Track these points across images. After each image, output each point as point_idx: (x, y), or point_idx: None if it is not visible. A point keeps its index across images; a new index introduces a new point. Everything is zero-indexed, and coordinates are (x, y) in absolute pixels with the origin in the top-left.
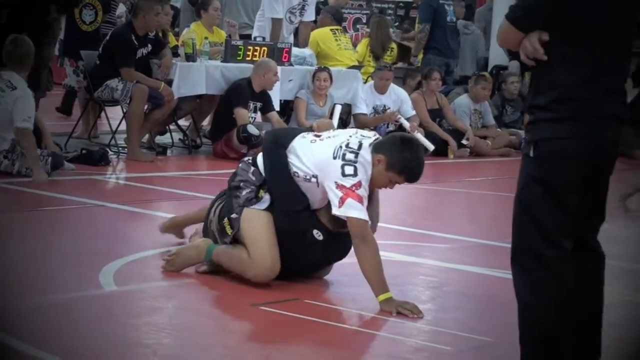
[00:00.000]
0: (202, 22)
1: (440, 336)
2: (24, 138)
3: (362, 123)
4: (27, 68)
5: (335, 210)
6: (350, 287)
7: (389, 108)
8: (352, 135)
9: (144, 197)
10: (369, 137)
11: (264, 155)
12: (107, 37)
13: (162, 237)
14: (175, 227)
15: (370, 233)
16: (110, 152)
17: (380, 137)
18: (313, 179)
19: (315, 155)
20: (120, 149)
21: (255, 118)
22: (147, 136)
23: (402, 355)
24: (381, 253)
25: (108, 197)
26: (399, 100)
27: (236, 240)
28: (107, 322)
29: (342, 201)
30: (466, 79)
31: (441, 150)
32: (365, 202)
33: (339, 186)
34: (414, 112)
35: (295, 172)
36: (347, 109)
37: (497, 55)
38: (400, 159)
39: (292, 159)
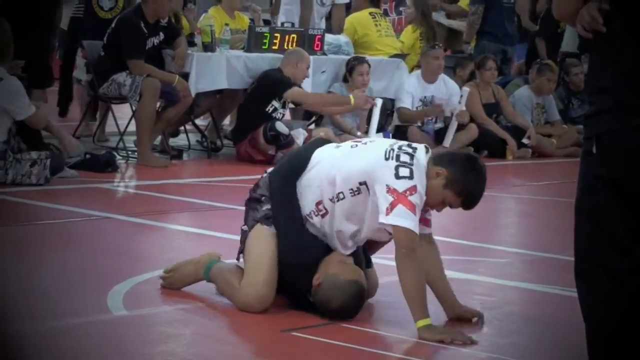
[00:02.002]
0: (221, 7)
1: None
2: (37, 122)
3: (406, 118)
4: (6, 59)
5: (382, 219)
6: (395, 309)
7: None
8: (398, 143)
9: (156, 207)
10: (421, 146)
11: (271, 198)
12: (113, 25)
13: (177, 253)
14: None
15: (418, 248)
16: (118, 157)
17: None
18: (362, 187)
19: (362, 159)
20: (129, 152)
21: (284, 114)
22: (159, 138)
23: None
24: None
25: (116, 208)
26: (448, 93)
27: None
28: (115, 351)
29: (391, 207)
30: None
31: (498, 150)
32: (418, 213)
33: (391, 190)
34: (463, 108)
35: (321, 201)
36: (389, 105)
37: (568, 40)
38: (465, 178)
39: (317, 178)
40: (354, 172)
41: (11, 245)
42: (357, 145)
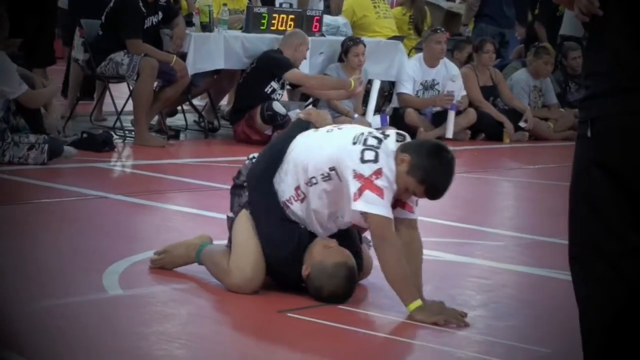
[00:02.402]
0: None
1: (493, 347)
2: (29, 101)
3: (407, 104)
4: None
5: (353, 206)
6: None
7: (437, 83)
8: (371, 129)
9: (153, 187)
10: (398, 132)
11: (249, 194)
12: (111, 3)
13: (174, 233)
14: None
15: (392, 233)
16: (115, 136)
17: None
18: (332, 173)
19: (332, 145)
20: (126, 132)
21: (282, 95)
22: (157, 118)
23: None
24: (427, 252)
25: (112, 188)
26: (449, 76)
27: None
28: (111, 330)
29: (359, 193)
30: None
31: (495, 133)
32: (388, 196)
33: (357, 175)
34: (464, 92)
35: (298, 186)
36: (387, 87)
37: (567, 24)
38: (426, 165)
39: (293, 164)
40: (323, 158)
41: (7, 224)
42: (332, 130)
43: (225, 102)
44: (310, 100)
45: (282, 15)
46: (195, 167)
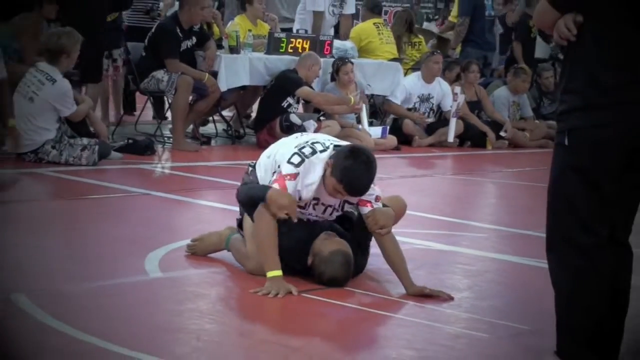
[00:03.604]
0: (246, 15)
1: (478, 324)
2: (75, 117)
3: (390, 110)
4: (60, 64)
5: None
6: (391, 274)
7: (432, 97)
8: (330, 140)
9: (188, 186)
10: (330, 149)
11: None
12: (153, 30)
13: (205, 225)
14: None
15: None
16: (155, 142)
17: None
18: (277, 169)
19: (285, 147)
20: (165, 139)
21: (297, 108)
22: (191, 126)
23: (440, 342)
24: (420, 242)
25: (153, 186)
26: (442, 93)
27: None
28: (151, 307)
29: (272, 182)
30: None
31: (480, 141)
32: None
33: (277, 172)
34: (461, 101)
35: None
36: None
37: (540, 48)
38: (342, 166)
39: (272, 160)
40: (277, 157)
41: (63, 216)
42: (301, 136)
43: (252, 113)
44: (322, 112)
45: (298, 40)
46: (224, 169)
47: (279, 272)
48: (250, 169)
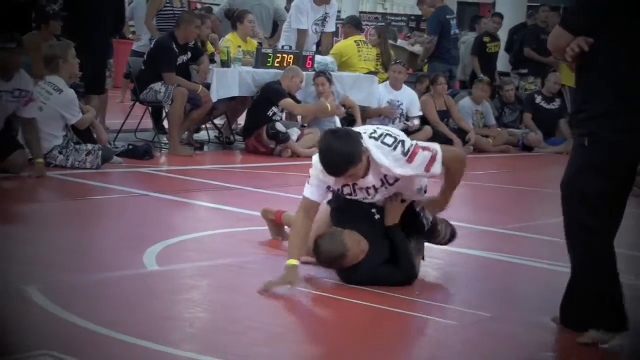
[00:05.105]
0: (237, 33)
1: (446, 312)
2: (80, 125)
3: (366, 113)
4: (58, 71)
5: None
6: None
7: (402, 103)
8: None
9: (184, 187)
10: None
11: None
12: (152, 46)
13: (199, 223)
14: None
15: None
16: (154, 148)
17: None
18: None
19: None
20: (162, 144)
21: (282, 117)
22: (186, 133)
23: (411, 329)
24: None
25: (152, 188)
26: (409, 99)
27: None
28: (149, 297)
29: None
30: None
31: None
32: (315, 182)
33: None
34: (420, 114)
35: None
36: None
37: (500, 62)
38: (319, 147)
39: None
40: None
41: (69, 216)
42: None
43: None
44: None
45: (283, 55)
46: (216, 172)
47: (296, 262)
48: None
